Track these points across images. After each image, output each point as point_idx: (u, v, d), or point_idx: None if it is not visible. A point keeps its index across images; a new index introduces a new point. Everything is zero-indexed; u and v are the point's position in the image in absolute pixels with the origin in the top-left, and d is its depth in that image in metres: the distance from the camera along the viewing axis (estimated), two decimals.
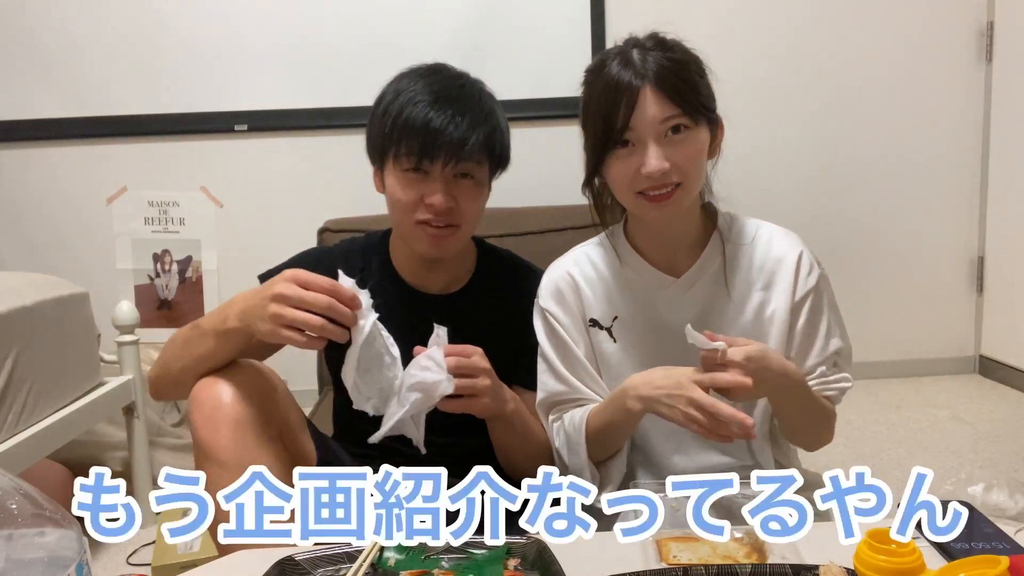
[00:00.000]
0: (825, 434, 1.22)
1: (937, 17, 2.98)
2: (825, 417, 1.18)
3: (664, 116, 1.07)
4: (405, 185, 1.20)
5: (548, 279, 1.26)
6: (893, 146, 3.06)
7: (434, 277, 1.31)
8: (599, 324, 1.22)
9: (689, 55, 1.12)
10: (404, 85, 1.21)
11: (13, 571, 0.62)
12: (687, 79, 1.09)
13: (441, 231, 1.22)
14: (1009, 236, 3.01)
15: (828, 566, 0.78)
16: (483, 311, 1.31)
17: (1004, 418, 2.64)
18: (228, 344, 1.09)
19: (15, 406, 1.66)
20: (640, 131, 1.07)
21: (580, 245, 1.29)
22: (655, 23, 1.23)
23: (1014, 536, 0.90)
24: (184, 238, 2.66)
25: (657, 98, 1.06)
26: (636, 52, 1.09)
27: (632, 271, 1.22)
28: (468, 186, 1.22)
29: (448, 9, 2.89)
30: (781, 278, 1.18)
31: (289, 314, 0.99)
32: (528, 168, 1.29)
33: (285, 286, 1.00)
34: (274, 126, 2.94)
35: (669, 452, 1.22)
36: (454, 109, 1.17)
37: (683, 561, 0.86)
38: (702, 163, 1.13)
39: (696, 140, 1.10)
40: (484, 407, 1.11)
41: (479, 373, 1.09)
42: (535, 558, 0.88)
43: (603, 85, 1.09)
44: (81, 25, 2.87)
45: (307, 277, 1.00)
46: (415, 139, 1.17)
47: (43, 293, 1.81)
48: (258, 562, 0.86)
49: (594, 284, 1.23)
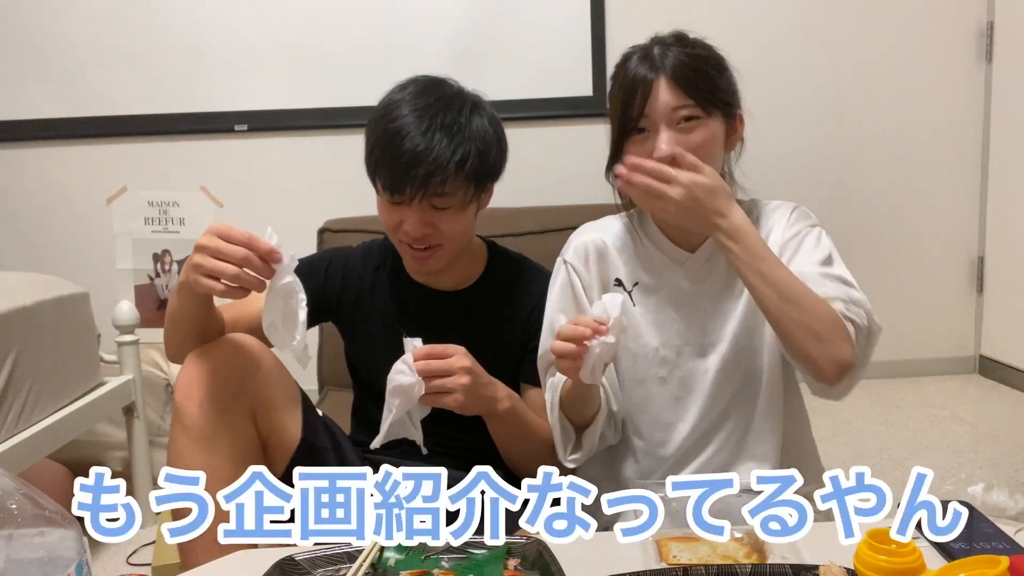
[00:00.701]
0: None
1: (937, 17, 2.98)
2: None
3: (675, 105, 1.13)
4: (386, 209, 1.24)
5: (578, 240, 1.30)
6: (893, 146, 3.06)
7: (443, 277, 1.34)
8: (623, 284, 1.26)
9: (709, 51, 1.19)
10: (391, 108, 1.22)
11: (13, 571, 0.63)
12: (702, 72, 1.15)
13: (421, 252, 1.25)
14: (1009, 236, 3.01)
15: (828, 566, 0.78)
16: (492, 308, 1.34)
17: (1004, 418, 2.64)
18: (185, 301, 1.15)
19: (15, 406, 1.66)
20: (653, 119, 1.14)
21: (608, 216, 1.34)
22: (655, 23, 1.25)
23: (1014, 536, 0.90)
24: (184, 238, 2.66)
25: (670, 89, 1.13)
26: (657, 48, 1.17)
27: (653, 245, 1.26)
28: (447, 212, 1.23)
29: (448, 9, 2.89)
30: (774, 241, 1.21)
31: (207, 263, 1.02)
32: (528, 168, 1.29)
33: (207, 238, 1.03)
34: (274, 126, 2.94)
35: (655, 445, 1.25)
36: (429, 137, 1.17)
37: (683, 561, 0.86)
38: (715, 152, 1.17)
39: (707, 129, 1.15)
40: (459, 403, 1.11)
41: (453, 372, 1.11)
42: (535, 558, 0.88)
43: (623, 78, 1.17)
44: (81, 25, 2.87)
45: (227, 230, 1.03)
46: (387, 171, 1.19)
47: (43, 293, 1.81)
48: (258, 562, 0.86)
49: (621, 250, 1.28)
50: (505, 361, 1.29)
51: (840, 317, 1.07)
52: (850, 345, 1.06)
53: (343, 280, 1.38)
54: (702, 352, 1.23)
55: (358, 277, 1.38)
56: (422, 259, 1.26)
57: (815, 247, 1.20)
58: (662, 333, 1.24)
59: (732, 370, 1.21)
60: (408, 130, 1.18)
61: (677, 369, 1.23)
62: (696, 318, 1.23)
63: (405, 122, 1.18)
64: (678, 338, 1.23)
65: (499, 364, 1.24)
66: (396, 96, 1.23)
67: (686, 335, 1.23)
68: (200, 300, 1.15)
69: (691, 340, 1.23)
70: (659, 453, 1.24)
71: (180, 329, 1.20)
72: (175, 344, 1.22)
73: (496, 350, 1.24)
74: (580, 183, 2.93)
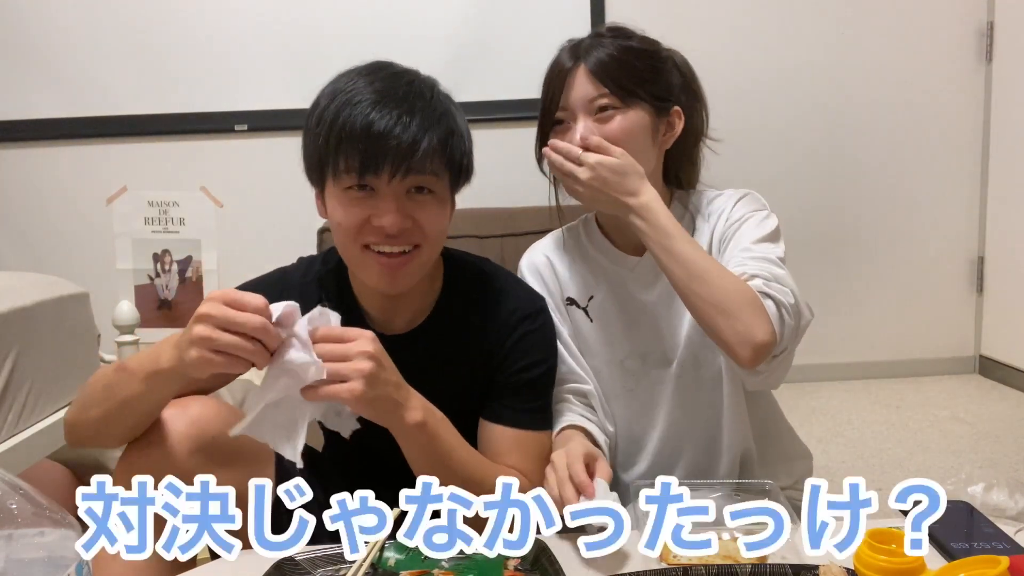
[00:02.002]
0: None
1: (937, 17, 2.98)
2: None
3: (591, 95, 1.13)
4: (347, 205, 1.00)
5: (527, 261, 1.29)
6: (893, 146, 3.06)
7: (400, 308, 1.12)
8: (576, 303, 1.25)
9: (645, 45, 1.18)
10: (340, 85, 1.02)
11: (13, 571, 0.62)
12: (626, 64, 1.14)
13: (394, 259, 1.02)
14: (1009, 236, 3.01)
15: (828, 566, 0.78)
16: (448, 345, 1.13)
17: (1004, 418, 2.64)
18: (156, 388, 0.93)
19: (15, 406, 1.66)
20: (572, 109, 1.15)
21: (555, 231, 1.33)
22: (655, 23, 1.24)
23: (1014, 536, 0.90)
24: (184, 238, 2.66)
25: (588, 79, 1.14)
26: (588, 40, 1.17)
27: (600, 253, 1.25)
28: (427, 202, 1.02)
29: (448, 9, 2.89)
30: (719, 227, 1.18)
31: (218, 338, 0.84)
32: (528, 168, 1.28)
33: (211, 306, 0.85)
34: (274, 126, 2.94)
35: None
36: (400, 109, 0.98)
37: (684, 561, 0.85)
38: (636, 142, 1.14)
39: (626, 119, 1.14)
40: (355, 395, 0.88)
41: (351, 356, 0.88)
42: (535, 558, 0.88)
43: (549, 70, 1.20)
44: (81, 25, 2.87)
45: (235, 295, 0.86)
46: (354, 148, 0.97)
47: (43, 293, 1.81)
48: (258, 562, 0.86)
49: (569, 265, 1.27)
50: (467, 398, 1.10)
51: (756, 293, 1.01)
52: (767, 322, 0.99)
53: None
54: (664, 358, 1.21)
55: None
56: (395, 268, 1.02)
57: (755, 228, 1.13)
58: (623, 345, 1.23)
59: (694, 372, 1.20)
60: (375, 99, 0.98)
61: (644, 378, 1.22)
62: (652, 324, 1.21)
63: (367, 94, 0.99)
64: (640, 347, 1.22)
65: (461, 401, 1.06)
66: (341, 78, 1.04)
67: (647, 343, 1.22)
68: (175, 389, 0.96)
69: (652, 348, 1.22)
70: (635, 460, 1.25)
71: (119, 417, 0.95)
72: (93, 432, 0.99)
73: (459, 387, 1.07)
74: None
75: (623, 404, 1.24)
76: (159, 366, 0.90)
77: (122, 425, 0.97)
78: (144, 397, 0.94)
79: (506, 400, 1.11)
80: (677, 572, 0.82)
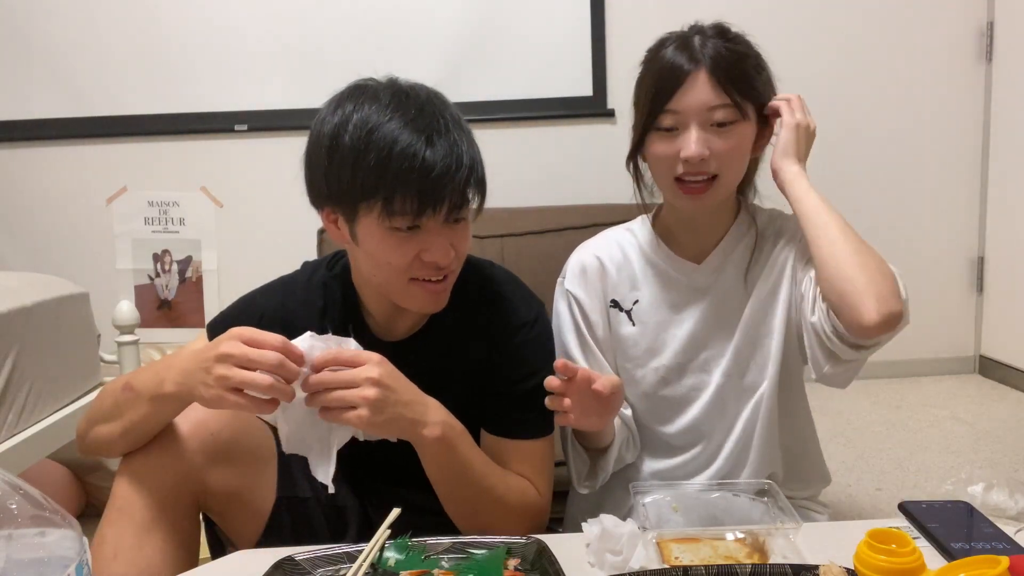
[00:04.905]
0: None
1: (937, 17, 2.98)
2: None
3: (712, 103, 1.08)
4: (398, 245, 0.99)
5: (576, 259, 1.27)
6: (893, 146, 3.06)
7: (403, 315, 1.12)
8: (619, 306, 1.24)
9: (750, 48, 1.15)
10: (367, 116, 0.97)
11: (13, 571, 0.62)
12: (743, 70, 1.11)
13: (438, 285, 1.04)
14: (1009, 236, 3.01)
15: (828, 566, 0.78)
16: (447, 350, 1.13)
17: (1004, 418, 2.64)
18: (163, 410, 0.98)
19: (15, 406, 1.66)
20: (686, 114, 1.09)
21: (610, 229, 1.30)
22: (656, 23, 1.24)
23: (1014, 536, 0.90)
24: (184, 238, 2.67)
25: (709, 84, 1.08)
26: (697, 38, 1.11)
27: (656, 257, 1.23)
28: (463, 228, 1.04)
29: (449, 9, 2.89)
30: (800, 247, 1.18)
31: (237, 376, 0.86)
32: (528, 168, 1.28)
33: (231, 345, 0.87)
34: (274, 126, 2.94)
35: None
36: (444, 148, 0.96)
37: (684, 562, 0.85)
38: (742, 158, 1.14)
39: (740, 134, 1.11)
40: (364, 420, 0.91)
41: (357, 383, 0.91)
42: (535, 558, 0.88)
43: (658, 65, 1.11)
44: (81, 25, 2.87)
45: (252, 334, 0.89)
46: (411, 190, 0.94)
47: (43, 293, 1.81)
48: (258, 562, 0.86)
49: (620, 267, 1.24)
50: (467, 406, 1.08)
51: (895, 273, 1.08)
52: (900, 300, 1.04)
53: (284, 331, 0.95)
54: (705, 366, 1.20)
55: (305, 328, 0.99)
56: (439, 292, 1.05)
57: None
58: (664, 350, 1.21)
59: (737, 381, 1.19)
60: (412, 140, 0.95)
61: (680, 385, 1.21)
62: (699, 332, 1.20)
63: (409, 137, 0.95)
64: (682, 355, 1.20)
65: (458, 409, 1.04)
66: (364, 105, 0.99)
67: (689, 351, 1.20)
68: (179, 411, 1.00)
69: (694, 355, 1.20)
70: (667, 463, 1.23)
71: (127, 435, 1.00)
72: (105, 446, 1.03)
73: (456, 396, 1.05)
74: (580, 183, 2.93)
75: (658, 406, 1.23)
76: (163, 390, 0.94)
77: (131, 441, 1.01)
78: (150, 418, 0.99)
79: (508, 412, 1.10)
80: (677, 572, 0.82)
